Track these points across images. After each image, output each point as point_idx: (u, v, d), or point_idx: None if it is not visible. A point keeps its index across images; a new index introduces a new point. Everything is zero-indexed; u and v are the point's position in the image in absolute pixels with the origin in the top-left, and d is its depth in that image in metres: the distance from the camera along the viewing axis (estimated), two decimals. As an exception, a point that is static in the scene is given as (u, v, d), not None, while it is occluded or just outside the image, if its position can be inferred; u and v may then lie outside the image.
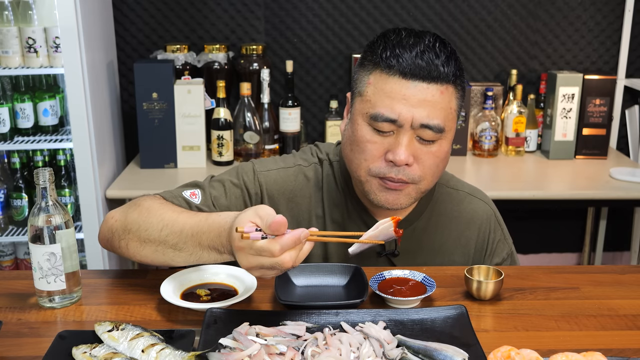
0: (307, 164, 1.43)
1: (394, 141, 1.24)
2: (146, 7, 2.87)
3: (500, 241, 1.48)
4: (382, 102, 1.23)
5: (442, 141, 1.27)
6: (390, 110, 1.22)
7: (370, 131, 1.26)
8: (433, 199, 1.44)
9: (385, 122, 1.23)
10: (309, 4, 2.89)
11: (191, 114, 2.63)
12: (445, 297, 1.23)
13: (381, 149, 1.25)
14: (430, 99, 1.22)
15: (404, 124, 1.22)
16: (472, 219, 1.45)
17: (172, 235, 1.17)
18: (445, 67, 1.22)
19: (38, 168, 1.16)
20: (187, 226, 1.16)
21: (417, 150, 1.25)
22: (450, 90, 1.25)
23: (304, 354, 0.99)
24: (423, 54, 1.21)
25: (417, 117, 1.22)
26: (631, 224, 3.15)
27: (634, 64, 3.01)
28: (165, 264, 1.22)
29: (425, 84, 1.22)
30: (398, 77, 1.22)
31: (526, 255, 3.25)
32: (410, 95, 1.22)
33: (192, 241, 1.15)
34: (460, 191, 1.47)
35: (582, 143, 2.82)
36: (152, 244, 1.20)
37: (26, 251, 2.83)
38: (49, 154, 2.63)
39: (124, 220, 1.26)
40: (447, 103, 1.24)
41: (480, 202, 1.48)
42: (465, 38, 2.95)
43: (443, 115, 1.24)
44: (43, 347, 1.04)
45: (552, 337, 1.10)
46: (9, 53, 2.42)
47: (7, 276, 1.42)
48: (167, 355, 0.96)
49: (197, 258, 1.16)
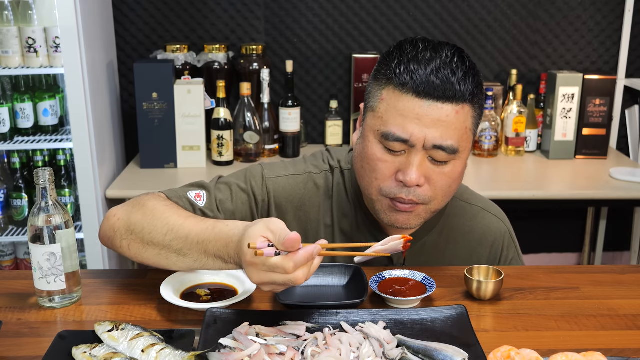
0: (318, 171, 1.39)
1: (405, 161, 1.20)
2: (146, 7, 2.87)
3: (514, 259, 1.44)
4: (394, 120, 1.19)
5: (455, 162, 1.22)
6: (402, 130, 1.18)
7: (382, 149, 1.22)
8: (445, 213, 1.39)
9: (396, 142, 1.19)
10: (309, 4, 2.89)
11: (191, 114, 2.63)
12: (445, 297, 1.23)
13: (392, 169, 1.22)
14: (445, 119, 1.17)
15: (416, 144, 1.18)
16: (485, 235, 1.41)
17: (177, 240, 1.15)
18: (461, 84, 1.16)
19: (38, 168, 1.16)
20: (193, 233, 1.14)
21: (429, 171, 1.21)
22: (466, 109, 1.19)
23: (304, 354, 0.99)
24: (439, 71, 1.16)
25: (430, 137, 1.17)
26: (631, 224, 3.15)
27: (634, 64, 3.01)
28: (168, 268, 1.20)
29: (440, 104, 1.16)
30: (411, 95, 1.17)
31: (526, 255, 3.25)
32: (424, 115, 1.17)
33: (197, 248, 1.13)
34: (474, 206, 1.43)
35: (582, 143, 2.82)
36: (156, 247, 1.17)
37: (26, 251, 2.83)
38: (49, 154, 2.63)
39: (127, 220, 1.23)
40: (463, 123, 1.19)
41: (494, 219, 1.43)
42: (465, 38, 2.95)
43: (457, 136, 1.19)
44: (43, 347, 1.04)
45: (552, 337, 1.10)
46: (9, 53, 2.42)
47: (7, 276, 1.42)
48: (167, 355, 0.96)
49: (202, 265, 1.14)
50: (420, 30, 2.93)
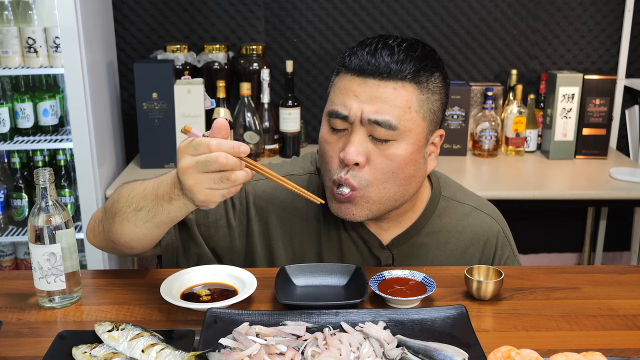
0: (303, 172, 1.41)
1: (347, 139, 1.22)
2: (146, 7, 2.87)
3: (509, 258, 1.42)
4: (337, 99, 1.23)
5: (397, 143, 1.21)
6: (343, 106, 1.21)
7: (329, 130, 1.25)
8: (435, 213, 1.38)
9: (338, 119, 1.22)
10: (309, 4, 2.89)
11: (191, 114, 2.63)
12: (445, 297, 1.23)
13: (336, 149, 1.24)
14: (381, 95, 1.19)
15: (354, 120, 1.20)
16: (477, 235, 1.39)
17: (136, 196, 1.18)
18: (400, 64, 1.19)
19: (38, 168, 1.16)
20: (150, 184, 1.17)
21: (370, 151, 1.21)
22: (408, 89, 1.20)
23: (304, 354, 0.99)
24: (376, 51, 1.20)
25: (367, 111, 1.19)
26: (631, 224, 3.15)
27: (634, 64, 3.01)
28: (126, 235, 1.22)
29: (376, 81, 1.20)
30: (351, 74, 1.22)
31: (526, 255, 3.25)
32: (361, 92, 1.20)
33: (151, 196, 1.15)
34: (466, 205, 1.41)
35: (582, 143, 2.82)
36: (119, 213, 1.20)
37: (26, 251, 2.83)
38: (49, 154, 2.63)
39: (104, 205, 1.30)
40: (404, 102, 1.20)
41: (487, 218, 1.41)
42: (465, 38, 2.95)
43: (396, 113, 1.19)
44: (43, 347, 1.04)
45: (552, 337, 1.10)
46: (9, 53, 2.42)
47: (7, 276, 1.43)
48: (167, 355, 0.96)
49: (153, 213, 1.15)
50: (420, 30, 2.93)
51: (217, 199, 1.07)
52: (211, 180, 1.04)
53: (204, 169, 1.04)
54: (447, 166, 2.67)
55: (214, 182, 1.05)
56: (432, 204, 1.37)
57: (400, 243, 1.36)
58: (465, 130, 2.82)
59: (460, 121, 2.80)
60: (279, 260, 1.37)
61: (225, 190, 1.06)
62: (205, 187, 1.05)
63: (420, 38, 2.94)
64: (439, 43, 2.95)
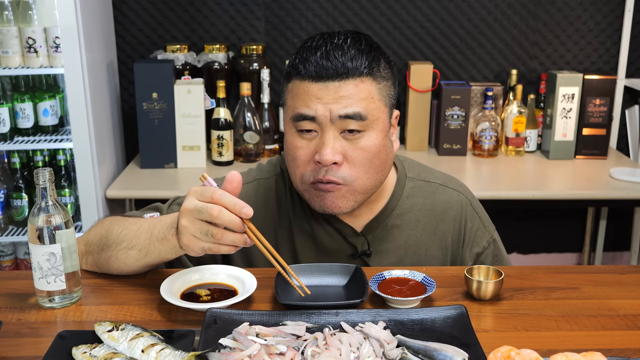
0: (269, 175, 1.43)
1: (319, 142, 1.24)
2: (146, 7, 2.87)
3: (479, 229, 1.44)
4: (299, 103, 1.24)
5: (369, 134, 1.24)
6: (307, 108, 1.23)
7: (296, 136, 1.27)
8: (403, 194, 1.40)
9: (305, 121, 1.24)
10: (309, 4, 2.89)
11: (191, 114, 2.63)
12: (445, 297, 1.23)
13: (309, 153, 1.25)
14: (344, 94, 1.22)
15: (323, 120, 1.22)
16: (446, 210, 1.41)
17: (129, 235, 1.21)
18: (354, 61, 1.21)
19: (38, 168, 1.16)
20: (145, 224, 1.20)
21: (345, 148, 1.24)
22: (367, 82, 1.23)
23: (304, 354, 0.99)
24: (329, 53, 1.21)
25: (335, 109, 1.21)
26: (631, 224, 3.15)
27: (634, 64, 3.01)
28: (114, 270, 1.27)
29: (336, 83, 1.22)
30: (309, 81, 1.23)
31: (526, 255, 3.25)
32: (324, 95, 1.22)
33: (145, 234, 1.17)
34: (432, 183, 1.43)
35: (582, 143, 2.82)
36: (108, 249, 1.24)
37: (26, 251, 2.83)
38: (49, 154, 2.63)
39: (86, 237, 1.31)
40: (366, 94, 1.23)
41: (454, 192, 1.43)
42: (465, 38, 2.95)
43: (363, 105, 1.22)
44: (43, 347, 1.04)
45: (552, 337, 1.10)
46: (9, 53, 2.42)
47: (7, 276, 1.43)
48: (167, 355, 0.96)
49: (145, 253, 1.18)
50: (420, 30, 2.93)
51: (196, 249, 1.10)
52: (198, 229, 1.07)
53: (197, 215, 1.07)
54: (447, 166, 2.66)
55: (199, 231, 1.07)
56: (399, 186, 1.40)
57: (373, 228, 1.38)
58: (465, 130, 2.82)
59: (460, 121, 2.80)
60: (256, 260, 1.39)
61: (206, 245, 1.08)
62: (190, 233, 1.09)
63: (421, 38, 2.94)
64: (439, 43, 2.95)
